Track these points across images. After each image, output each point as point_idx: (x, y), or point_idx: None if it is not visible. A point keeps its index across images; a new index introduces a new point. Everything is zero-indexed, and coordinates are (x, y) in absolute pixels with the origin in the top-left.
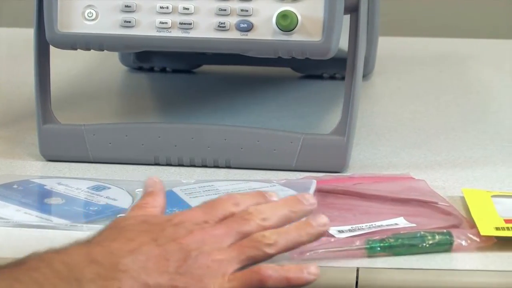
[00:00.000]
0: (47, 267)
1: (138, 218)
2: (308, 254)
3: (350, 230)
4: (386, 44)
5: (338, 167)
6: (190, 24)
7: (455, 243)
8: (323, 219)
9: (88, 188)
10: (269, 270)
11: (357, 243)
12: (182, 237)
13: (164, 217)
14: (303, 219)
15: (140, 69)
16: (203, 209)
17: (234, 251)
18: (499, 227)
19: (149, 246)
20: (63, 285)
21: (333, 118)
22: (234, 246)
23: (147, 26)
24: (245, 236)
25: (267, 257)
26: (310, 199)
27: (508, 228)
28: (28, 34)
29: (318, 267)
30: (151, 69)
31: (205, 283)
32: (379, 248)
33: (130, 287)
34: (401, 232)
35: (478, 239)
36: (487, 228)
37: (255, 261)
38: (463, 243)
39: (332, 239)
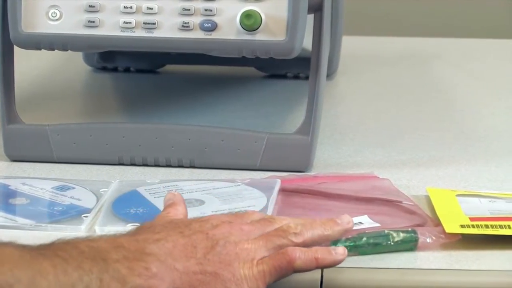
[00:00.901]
0: (73, 248)
1: (164, 219)
2: None
3: None
4: (350, 44)
5: (302, 167)
6: (154, 24)
7: (420, 240)
8: (347, 217)
9: (52, 188)
10: (297, 251)
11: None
12: (209, 229)
13: (190, 219)
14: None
15: (104, 69)
16: (229, 215)
17: (261, 240)
18: (464, 225)
19: (176, 236)
20: (89, 263)
21: (297, 118)
22: (261, 236)
23: (111, 26)
24: (273, 230)
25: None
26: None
27: (473, 226)
28: None
29: (345, 249)
30: (115, 69)
31: (234, 267)
32: None
33: (157, 268)
34: (366, 231)
35: (443, 236)
36: (452, 226)
37: (282, 249)
38: (428, 240)
39: None
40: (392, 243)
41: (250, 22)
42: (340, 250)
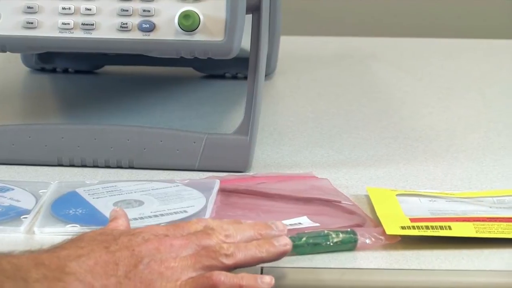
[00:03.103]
0: None
1: (97, 231)
2: None
3: None
4: (287, 44)
5: (241, 167)
6: (92, 25)
7: (359, 241)
8: (285, 239)
9: None
10: (222, 276)
11: None
12: (137, 245)
13: (124, 230)
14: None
15: (42, 70)
16: (167, 226)
17: (190, 260)
18: (404, 226)
19: (99, 252)
20: (10, 283)
21: (236, 118)
22: (190, 255)
23: (49, 27)
24: (204, 249)
25: (224, 268)
26: (280, 226)
27: (413, 227)
28: None
29: (273, 278)
30: (53, 70)
31: (155, 287)
32: None
33: None
34: (305, 231)
35: (382, 238)
36: (392, 227)
37: (211, 270)
38: (367, 241)
39: None
40: (331, 244)
41: (188, 22)
42: (267, 279)
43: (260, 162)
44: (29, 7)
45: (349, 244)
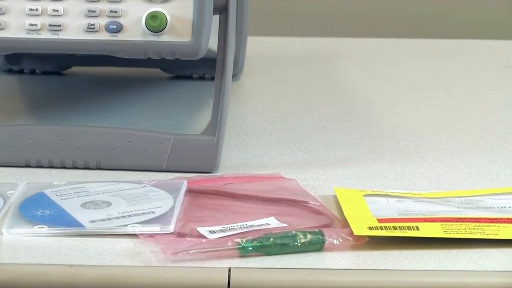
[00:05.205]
0: None
1: None
2: (180, 255)
3: (221, 231)
4: (255, 44)
5: (209, 168)
6: (60, 26)
7: (327, 242)
8: None
9: None
10: None
11: (229, 243)
12: None
13: None
14: None
15: (10, 71)
16: None
17: None
18: (372, 227)
19: None
20: None
21: (204, 119)
22: None
23: (16, 28)
24: None
25: None
26: None
27: (381, 228)
28: None
29: None
30: (21, 71)
31: None
32: (251, 248)
33: None
34: (273, 231)
35: (350, 238)
36: (360, 228)
37: None
38: (335, 242)
39: (204, 240)
40: (299, 244)
41: (156, 23)
42: None
43: (228, 163)
44: None
45: (317, 245)
